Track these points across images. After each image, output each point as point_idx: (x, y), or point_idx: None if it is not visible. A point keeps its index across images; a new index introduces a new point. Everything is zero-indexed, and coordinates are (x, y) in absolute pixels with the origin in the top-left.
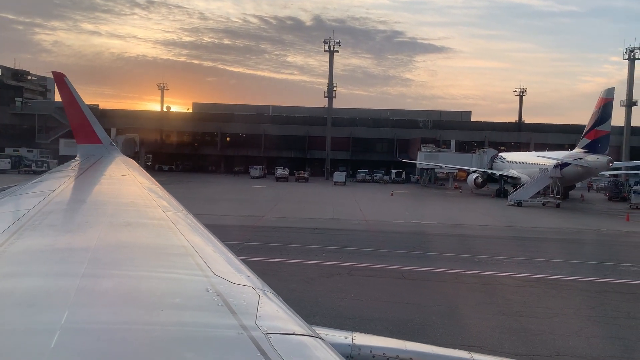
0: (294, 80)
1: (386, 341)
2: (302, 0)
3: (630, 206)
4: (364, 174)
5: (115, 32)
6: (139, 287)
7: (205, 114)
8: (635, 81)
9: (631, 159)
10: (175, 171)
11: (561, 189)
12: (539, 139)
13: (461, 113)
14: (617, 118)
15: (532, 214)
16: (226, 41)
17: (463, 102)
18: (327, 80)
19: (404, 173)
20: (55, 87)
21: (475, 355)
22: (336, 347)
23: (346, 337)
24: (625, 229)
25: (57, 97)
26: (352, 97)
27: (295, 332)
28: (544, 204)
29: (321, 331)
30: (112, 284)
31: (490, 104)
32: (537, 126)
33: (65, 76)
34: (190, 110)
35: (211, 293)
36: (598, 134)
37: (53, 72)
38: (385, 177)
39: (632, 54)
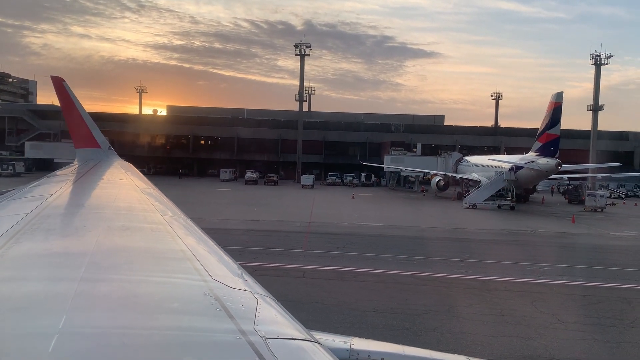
0: (285, 84)
1: (384, 346)
2: (293, 5)
3: (584, 209)
4: (335, 177)
5: (105, 36)
6: (137, 291)
7: (179, 117)
8: (628, 87)
9: (597, 163)
10: (147, 174)
11: (521, 192)
12: (510, 143)
13: (434, 117)
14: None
15: (482, 216)
16: (217, 45)
17: (452, 106)
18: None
19: (373, 176)
20: (37, 90)
21: None
22: (334, 351)
23: (344, 342)
24: (564, 231)
25: (39, 100)
26: (342, 100)
27: (294, 337)
28: (499, 207)
29: (319, 336)
30: (110, 288)
31: (480, 108)
32: (510, 130)
33: (63, 80)
34: (164, 114)
35: (209, 297)
36: (549, 137)
37: (52, 77)
38: (355, 180)
39: (598, 59)
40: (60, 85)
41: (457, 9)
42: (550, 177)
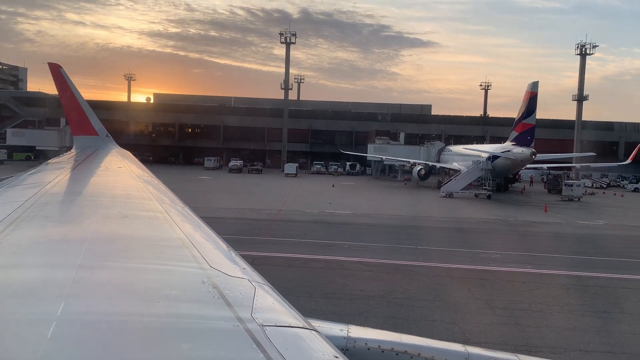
0: (281, 72)
1: (381, 334)
2: None
3: (561, 198)
4: (320, 166)
5: (100, 23)
6: (135, 279)
7: (165, 105)
8: (624, 77)
9: (582, 152)
10: None
11: (502, 180)
12: (497, 133)
13: (421, 106)
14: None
15: (455, 204)
16: (212, 33)
17: (448, 96)
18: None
19: (358, 165)
20: (27, 77)
21: (470, 349)
22: (331, 339)
23: (342, 330)
24: (533, 220)
25: (30, 87)
26: (338, 89)
27: (291, 325)
28: (476, 195)
29: (317, 323)
30: (108, 275)
31: (475, 98)
32: (497, 120)
33: (61, 67)
34: (151, 101)
35: (207, 285)
36: (525, 127)
37: (49, 63)
38: (339, 169)
39: (583, 49)
40: (57, 72)
41: None
42: (528, 166)
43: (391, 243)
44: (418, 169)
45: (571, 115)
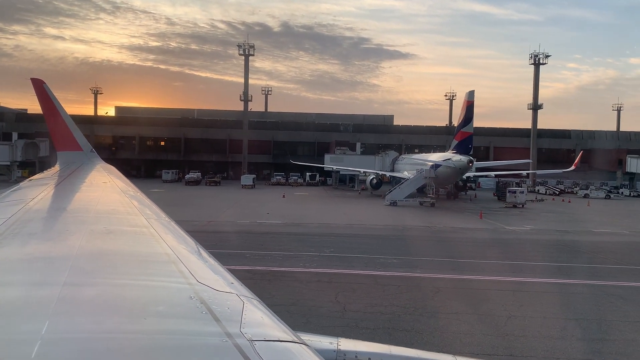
0: (261, 84)
1: (371, 346)
2: (270, 7)
3: (505, 205)
4: (280, 177)
5: (79, 37)
6: (121, 295)
7: (125, 118)
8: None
9: (538, 160)
10: None
11: (451, 188)
12: None
13: (384, 117)
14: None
15: (394, 212)
16: (193, 46)
17: (428, 107)
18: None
19: (317, 175)
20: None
21: (460, 359)
22: (321, 352)
23: (331, 343)
24: (462, 226)
25: (3, 103)
26: (318, 101)
27: (280, 339)
28: (421, 204)
29: (306, 337)
30: (94, 292)
31: (454, 109)
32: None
33: (44, 83)
34: (112, 114)
35: (195, 300)
36: (463, 135)
37: (32, 79)
38: (299, 180)
39: (537, 59)
40: (40, 88)
41: (432, 11)
42: (476, 174)
43: (297, 251)
44: (370, 178)
45: (548, 124)
